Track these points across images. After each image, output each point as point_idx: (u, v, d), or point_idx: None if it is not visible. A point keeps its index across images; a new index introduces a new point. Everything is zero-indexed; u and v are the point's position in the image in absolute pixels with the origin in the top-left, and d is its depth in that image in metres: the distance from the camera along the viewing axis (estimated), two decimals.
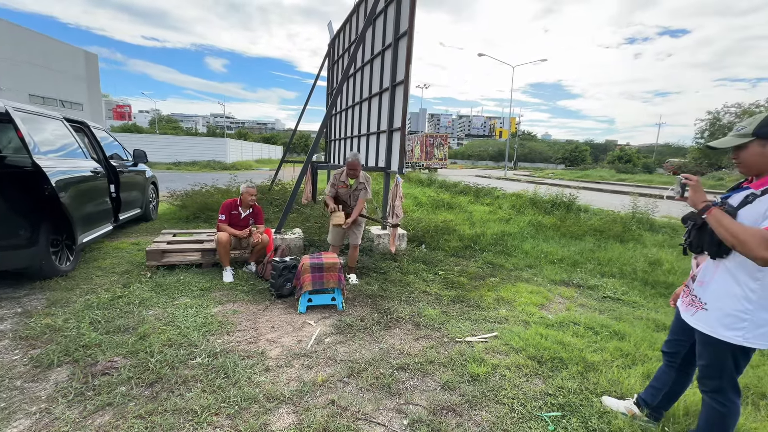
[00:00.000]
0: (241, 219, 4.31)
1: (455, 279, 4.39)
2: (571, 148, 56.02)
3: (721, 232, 1.50)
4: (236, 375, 2.34)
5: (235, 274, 4.16)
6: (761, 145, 1.51)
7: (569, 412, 2.13)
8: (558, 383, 2.39)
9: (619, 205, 8.61)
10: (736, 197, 1.60)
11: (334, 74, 9.82)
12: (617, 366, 2.60)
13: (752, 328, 1.52)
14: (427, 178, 14.32)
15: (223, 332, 2.92)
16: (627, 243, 5.97)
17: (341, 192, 4.12)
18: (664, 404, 2.01)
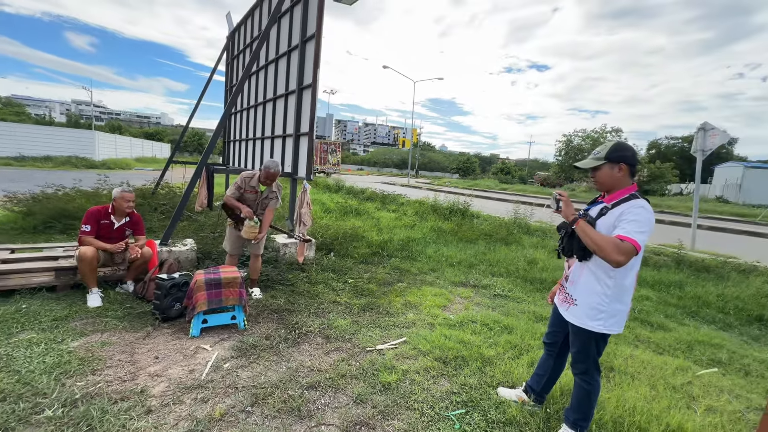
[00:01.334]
0: (114, 230, 3.59)
1: (365, 286, 4.41)
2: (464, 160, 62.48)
3: (585, 240, 1.79)
4: (105, 425, 1.90)
5: (105, 297, 3.45)
6: (611, 168, 1.85)
7: (471, 408, 2.29)
8: (461, 381, 2.56)
9: (503, 212, 9.86)
10: (594, 209, 1.94)
11: (234, 70, 9.07)
12: (508, 357, 2.91)
13: (608, 318, 1.84)
14: (334, 184, 14.25)
15: (87, 372, 2.37)
16: (510, 245, 6.84)
17: (248, 197, 3.76)
18: (546, 388, 2.31)
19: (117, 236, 3.62)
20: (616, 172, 1.85)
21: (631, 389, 2.58)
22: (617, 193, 1.86)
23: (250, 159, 7.45)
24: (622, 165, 1.83)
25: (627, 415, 2.24)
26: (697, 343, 3.60)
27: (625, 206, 1.78)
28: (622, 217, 1.75)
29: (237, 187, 3.73)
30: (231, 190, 3.74)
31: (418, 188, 24.29)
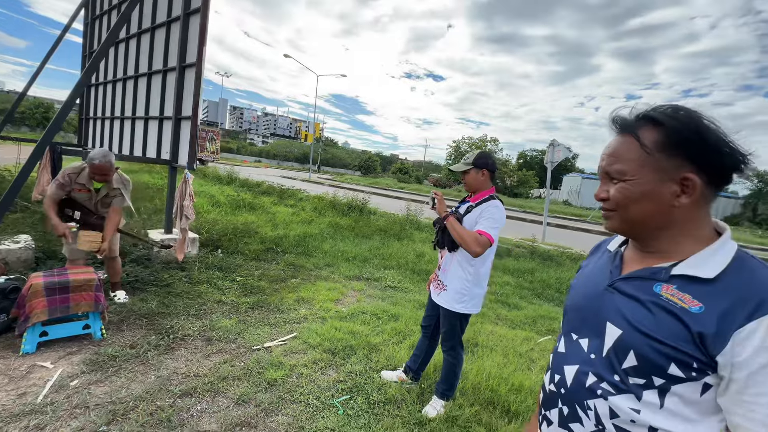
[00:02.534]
0: None
1: (255, 284, 4.21)
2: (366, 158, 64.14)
3: (453, 234, 2.06)
4: None
5: None
6: (476, 172, 2.17)
7: (356, 393, 2.42)
8: (348, 369, 2.68)
9: (399, 209, 10.47)
10: (463, 207, 2.25)
11: (96, 32, 7.56)
12: (393, 343, 3.15)
13: (470, 300, 2.16)
14: (226, 175, 13.08)
15: None
16: (403, 240, 7.33)
17: (79, 197, 3.08)
18: (422, 367, 2.58)
19: None
20: (479, 176, 2.18)
21: (489, 359, 3.06)
22: (480, 194, 2.19)
23: (116, 141, 6.32)
24: (485, 170, 2.17)
25: (483, 381, 2.65)
26: (540, 317, 4.45)
27: (485, 206, 2.11)
28: (482, 214, 2.07)
29: (59, 185, 2.96)
30: (52, 190, 2.97)
31: (320, 184, 24.02)
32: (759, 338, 0.58)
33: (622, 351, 0.70)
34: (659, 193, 0.69)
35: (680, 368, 0.64)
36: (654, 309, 0.68)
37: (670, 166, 0.68)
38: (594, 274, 0.85)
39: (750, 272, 0.64)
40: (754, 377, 0.58)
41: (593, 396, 0.72)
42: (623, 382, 0.69)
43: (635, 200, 0.71)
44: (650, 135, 0.69)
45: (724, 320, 0.60)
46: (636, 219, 0.73)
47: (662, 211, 0.70)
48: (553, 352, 0.86)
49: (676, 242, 0.71)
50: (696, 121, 0.65)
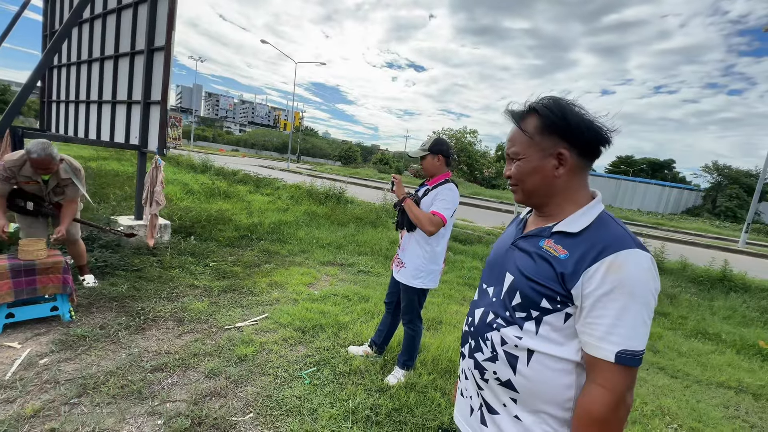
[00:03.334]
0: None
1: (228, 269, 4.27)
2: (346, 148, 63.71)
3: (410, 214, 2.22)
4: None
5: None
6: (432, 157, 2.33)
7: (323, 365, 2.57)
8: (317, 345, 2.82)
9: (375, 198, 10.60)
10: (422, 190, 2.40)
11: (58, 11, 7.21)
12: (360, 322, 3.31)
13: (426, 276, 2.33)
14: (201, 163, 12.81)
15: None
16: (378, 228, 7.49)
17: (29, 189, 2.99)
18: (386, 341, 2.76)
19: None
20: (435, 161, 2.33)
21: (451, 335, 3.27)
22: (436, 178, 2.35)
23: (82, 126, 6.12)
24: (440, 156, 2.32)
25: (443, 353, 2.86)
26: None
27: (440, 189, 2.27)
28: (437, 197, 2.24)
29: (4, 179, 2.79)
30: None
31: (299, 173, 23.78)
32: (600, 274, 0.75)
33: (512, 292, 0.87)
34: (543, 167, 0.86)
35: (549, 302, 0.81)
36: (536, 258, 0.86)
37: (548, 145, 0.85)
38: (506, 236, 1.03)
39: (605, 227, 0.81)
40: (595, 304, 0.75)
41: (491, 330, 0.89)
42: (511, 316, 0.86)
43: (528, 174, 0.89)
44: (532, 122, 0.87)
45: (578, 262, 0.78)
46: (531, 190, 0.91)
47: (547, 183, 0.88)
48: (471, 302, 1.03)
49: (560, 207, 0.89)
50: (562, 107, 0.82)
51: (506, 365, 0.86)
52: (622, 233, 0.79)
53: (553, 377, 0.82)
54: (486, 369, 0.90)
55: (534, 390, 0.83)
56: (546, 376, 0.82)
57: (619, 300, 0.74)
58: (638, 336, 0.74)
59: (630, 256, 0.75)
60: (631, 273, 0.74)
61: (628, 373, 0.75)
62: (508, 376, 0.86)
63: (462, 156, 35.85)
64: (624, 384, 0.75)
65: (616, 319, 0.74)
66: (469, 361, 0.95)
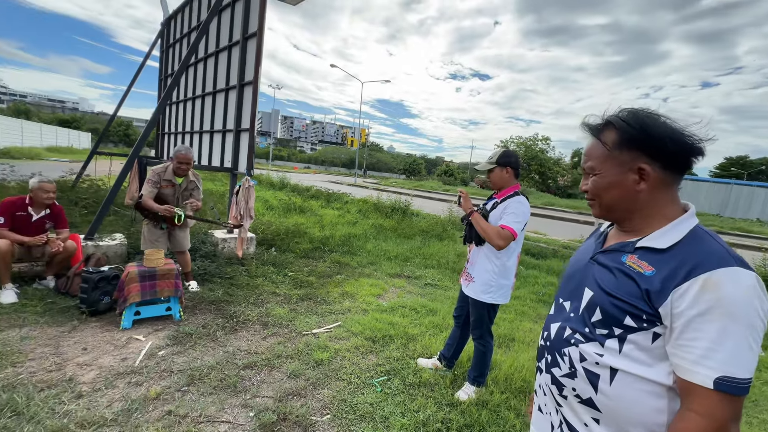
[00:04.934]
0: (32, 222, 3.40)
1: (304, 279, 4.60)
2: (410, 161, 64.40)
3: (477, 228, 2.22)
4: (32, 410, 1.92)
5: (21, 293, 3.26)
6: (500, 170, 2.31)
7: (393, 375, 2.64)
8: (387, 355, 2.91)
9: (442, 211, 10.54)
10: (490, 204, 2.39)
11: (170, 59, 8.63)
12: (429, 335, 3.32)
13: (496, 290, 2.29)
14: (279, 181, 14.04)
15: (6, 365, 2.31)
16: (444, 240, 7.43)
17: (165, 192, 3.61)
18: (455, 355, 2.74)
19: (35, 229, 3.43)
20: (504, 173, 2.31)
21: (524, 354, 3.12)
22: (505, 191, 2.32)
23: None
24: (508, 168, 2.29)
25: (516, 372, 2.74)
26: None
27: (509, 202, 2.24)
28: (506, 210, 2.20)
29: (153, 183, 3.52)
30: (147, 189, 3.52)
31: (365, 188, 24.65)
32: (693, 293, 0.71)
33: (592, 308, 0.85)
34: (622, 182, 0.84)
35: (633, 320, 0.78)
36: (618, 274, 0.83)
37: (627, 159, 0.83)
38: (584, 250, 1.01)
39: (699, 243, 0.77)
40: (688, 325, 0.71)
41: (568, 345, 0.88)
42: (591, 332, 0.84)
43: (605, 190, 0.87)
44: (610, 136, 0.85)
45: (666, 280, 0.74)
46: (609, 205, 0.89)
47: (628, 197, 0.85)
48: (547, 316, 1.03)
49: (645, 222, 0.85)
50: (641, 120, 0.80)
51: (586, 382, 0.84)
52: (719, 249, 0.74)
53: (640, 399, 0.78)
54: (564, 385, 0.89)
55: (618, 410, 0.80)
56: (632, 397, 0.78)
57: (716, 321, 0.69)
58: (741, 362, 0.68)
59: (729, 274, 0.70)
60: (730, 292, 0.69)
61: (730, 402, 0.69)
62: (588, 394, 0.84)
63: (533, 164, 33.81)
64: (726, 414, 0.69)
65: (713, 343, 0.69)
66: (545, 377, 0.95)
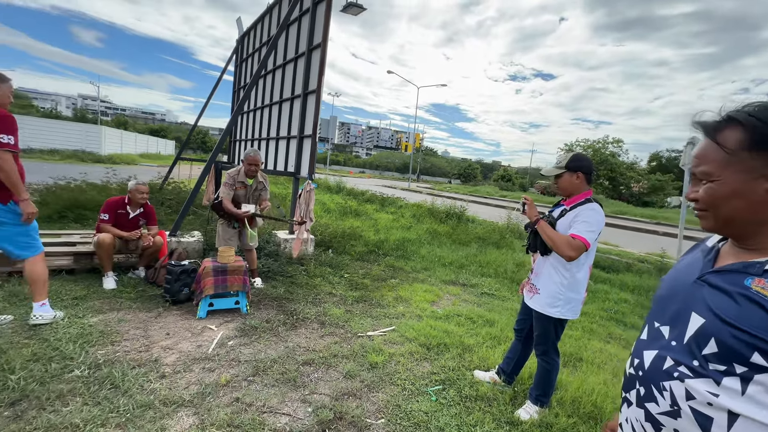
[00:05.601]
0: (129, 219, 3.89)
1: (360, 281, 4.69)
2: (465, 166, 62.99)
3: (544, 237, 2.08)
4: (126, 384, 2.18)
5: (119, 281, 3.74)
6: (570, 175, 2.14)
7: (448, 385, 2.57)
8: (441, 363, 2.84)
9: (499, 218, 10.13)
10: (557, 211, 2.23)
11: (243, 72, 9.42)
12: (486, 346, 3.19)
13: (564, 305, 2.13)
14: (335, 185, 14.55)
15: (107, 342, 2.65)
16: (502, 248, 7.12)
17: (239, 194, 3.93)
18: (515, 370, 2.59)
19: (132, 225, 3.91)
20: (574, 179, 2.14)
21: (594, 376, 2.85)
22: (575, 198, 2.15)
23: None
24: (579, 173, 2.12)
25: (585, 395, 2.51)
26: None
27: (580, 209, 2.07)
28: (577, 218, 2.04)
29: (229, 186, 3.84)
30: (225, 191, 3.81)
31: (419, 192, 24.59)
32: None
33: (704, 338, 0.71)
34: (749, 191, 0.70)
35: (764, 357, 0.63)
36: (741, 300, 0.68)
37: (757, 165, 0.68)
38: (685, 267, 0.86)
39: None
40: None
41: (669, 378, 0.75)
42: (702, 367, 0.70)
43: (724, 199, 0.73)
44: (733, 135, 0.71)
45: None
46: (728, 217, 0.74)
47: (756, 209, 0.70)
48: (636, 340, 0.91)
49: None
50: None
51: (694, 425, 0.71)
52: None
53: None
54: (663, 425, 0.76)
55: None
56: None
57: None
58: None
59: None
60: None
61: None
62: None
63: (602, 169, 31.00)
64: None
65: None
66: (637, 411, 0.83)
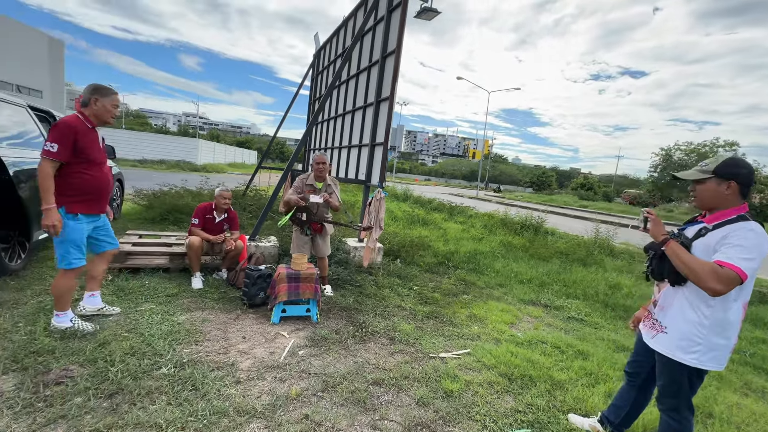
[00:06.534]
0: (215, 224, 4.17)
1: (429, 294, 4.45)
2: (539, 173, 58.83)
3: (676, 263, 1.64)
4: (205, 387, 2.23)
5: (205, 281, 4.01)
6: (717, 183, 1.67)
7: (538, 429, 2.20)
8: (527, 400, 2.47)
9: (582, 230, 9.10)
10: (691, 230, 1.77)
11: (318, 85, 9.87)
12: (582, 384, 2.72)
13: (705, 351, 1.66)
14: (402, 192, 14.50)
15: (191, 341, 2.79)
16: (590, 267, 6.30)
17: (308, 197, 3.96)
18: (625, 422, 2.13)
19: (217, 230, 4.19)
20: (723, 189, 1.67)
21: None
22: (721, 213, 1.68)
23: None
24: (732, 183, 1.64)
25: None
26: None
27: (731, 228, 1.60)
28: (726, 240, 1.57)
29: (295, 188, 3.91)
30: (290, 194, 3.84)
31: (488, 201, 23.50)
32: None
33: None
34: None
35: None
36: None
37: None
38: None
39: None
40: None
41: None
42: None
43: None
44: None
45: None
46: None
47: None
48: None
49: None
50: None
51: None
52: None
53: None
54: None
55: None
56: None
57: None
58: None
59: None
60: None
61: None
62: None
63: None
64: None
65: None
66: None
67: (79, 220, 2.62)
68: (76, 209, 2.59)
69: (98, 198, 2.73)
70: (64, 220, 2.54)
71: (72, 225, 2.59)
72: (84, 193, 2.62)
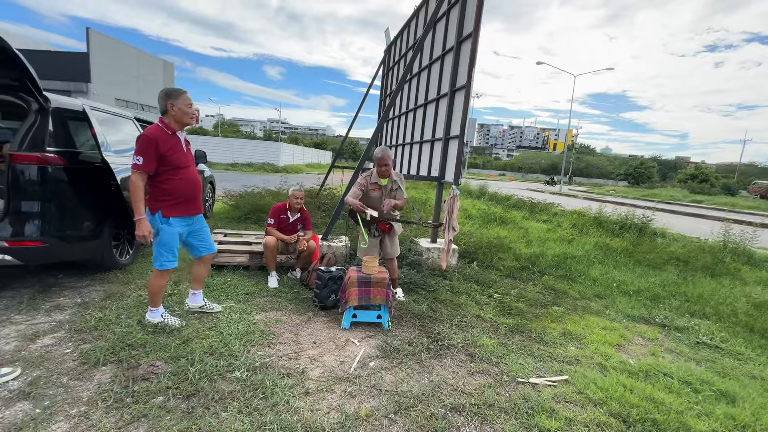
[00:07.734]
0: (289, 224, 4.22)
1: (512, 304, 3.95)
2: (636, 164, 51.32)
3: None
4: (275, 396, 2.15)
5: (280, 280, 4.07)
6: None
7: None
8: None
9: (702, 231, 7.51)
10: None
11: (389, 81, 9.72)
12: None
13: None
14: (477, 189, 13.73)
15: (264, 344, 2.77)
16: (720, 278, 5.09)
17: (373, 195, 3.66)
18: None
19: (291, 229, 4.23)
20: None
21: None
22: None
23: (398, 163, 7.82)
24: None
25: None
26: None
27: None
28: None
29: (360, 186, 3.65)
30: (353, 191, 3.61)
31: (573, 197, 21.21)
32: None
33: None
34: None
35: None
36: None
37: None
38: None
39: None
40: None
41: None
42: None
43: None
44: None
45: None
46: None
47: None
48: None
49: None
50: None
51: None
52: None
53: None
54: None
55: None
56: None
57: None
58: None
59: None
60: None
61: None
62: None
63: None
64: None
65: None
66: None
67: (171, 225, 2.75)
68: (171, 213, 2.72)
69: (190, 199, 2.83)
70: (159, 225, 2.70)
71: (165, 229, 2.73)
72: (176, 197, 2.73)
